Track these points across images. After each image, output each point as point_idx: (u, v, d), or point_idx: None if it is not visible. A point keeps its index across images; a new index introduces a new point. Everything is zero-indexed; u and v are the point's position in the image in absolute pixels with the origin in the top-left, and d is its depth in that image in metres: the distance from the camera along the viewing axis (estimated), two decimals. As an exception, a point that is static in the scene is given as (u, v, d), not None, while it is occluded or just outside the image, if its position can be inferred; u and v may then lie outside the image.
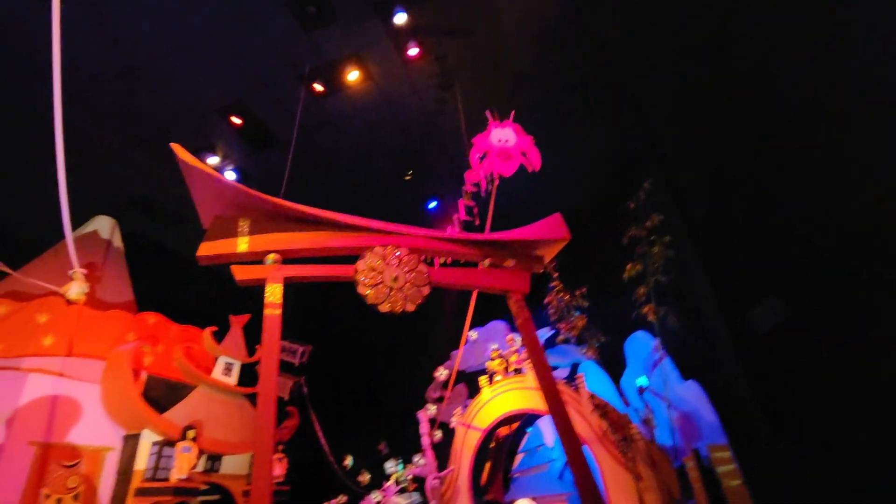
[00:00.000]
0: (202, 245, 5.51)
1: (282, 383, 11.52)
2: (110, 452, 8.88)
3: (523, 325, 6.29)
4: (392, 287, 5.83)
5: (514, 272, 6.64)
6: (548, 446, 10.73)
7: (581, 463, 5.68)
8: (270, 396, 4.99)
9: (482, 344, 13.46)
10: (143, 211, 12.80)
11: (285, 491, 11.35)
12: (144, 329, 10.20)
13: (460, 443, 10.83)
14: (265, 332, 5.33)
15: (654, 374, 10.70)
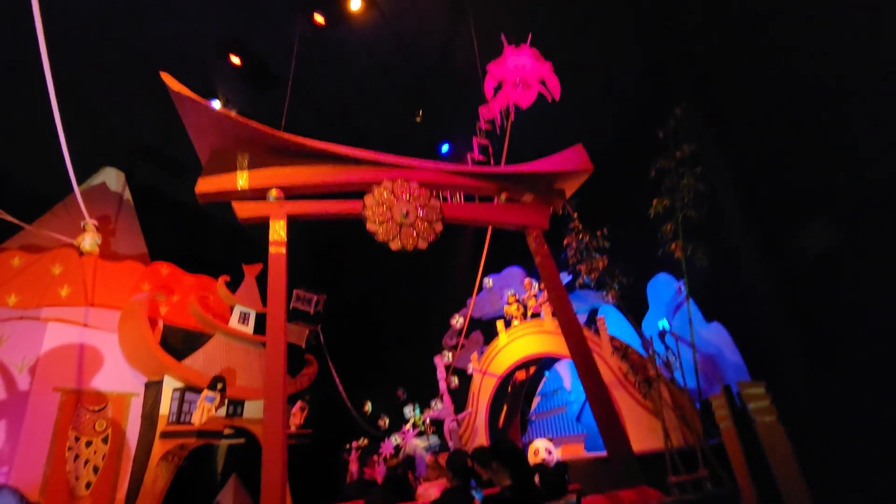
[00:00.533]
0: (200, 181, 5.16)
1: (298, 332, 11.50)
2: (134, 398, 9.02)
3: (543, 261, 5.91)
4: (402, 223, 5.46)
5: (533, 207, 6.20)
6: (565, 389, 10.64)
7: (604, 402, 5.45)
8: (279, 335, 4.77)
9: (498, 291, 13.23)
10: (150, 161, 12.49)
11: (307, 435, 11.61)
12: (158, 279, 10.13)
13: (477, 387, 10.82)
14: (271, 270, 5.05)
15: (677, 317, 10.36)
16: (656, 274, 10.72)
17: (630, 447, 5.28)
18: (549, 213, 6.23)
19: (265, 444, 4.38)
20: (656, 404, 8.09)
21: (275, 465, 4.29)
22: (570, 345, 5.65)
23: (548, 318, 9.75)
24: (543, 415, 10.51)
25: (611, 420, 5.27)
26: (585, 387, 5.55)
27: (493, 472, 2.95)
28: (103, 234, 10.29)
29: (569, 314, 5.73)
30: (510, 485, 2.79)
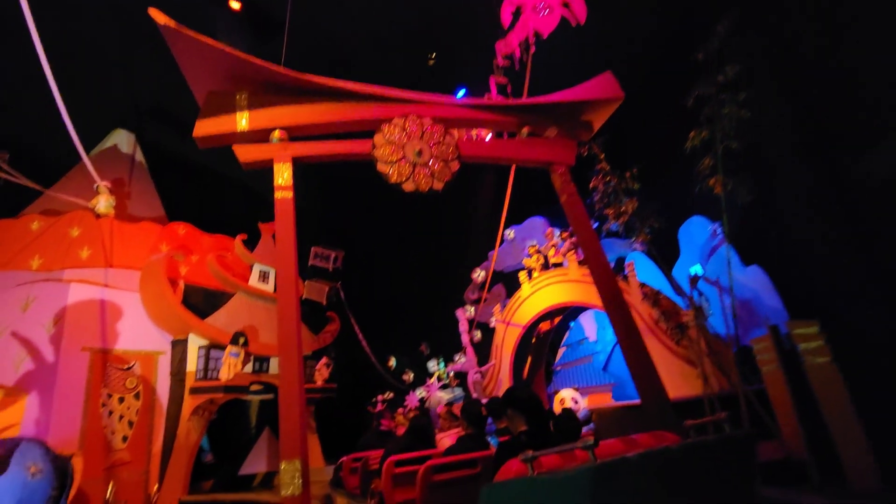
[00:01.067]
0: (197, 124, 4.79)
1: (318, 289, 11.41)
2: (161, 356, 9.12)
3: (569, 200, 5.43)
4: (416, 163, 5.02)
5: (558, 142, 5.65)
6: (591, 340, 10.35)
7: (636, 349, 5.09)
8: (290, 284, 4.50)
9: (520, 242, 12.80)
10: (161, 122, 12.20)
11: (332, 389, 11.74)
12: (176, 239, 10.04)
13: (500, 338, 10.64)
14: (278, 216, 4.73)
15: (711, 262, 9.81)
16: (690, 217, 10.08)
17: (666, 394, 4.96)
18: (576, 147, 5.68)
19: (281, 394, 4.20)
20: (689, 351, 7.73)
21: (292, 416, 4.12)
22: (600, 289, 5.25)
23: (572, 266, 9.33)
24: (569, 365, 10.30)
25: (644, 367, 4.93)
26: (617, 333, 5.18)
27: (508, 419, 2.94)
28: (118, 196, 10.16)
29: (599, 257, 5.29)
30: (526, 430, 2.80)
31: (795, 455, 5.06)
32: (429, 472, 3.42)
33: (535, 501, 2.15)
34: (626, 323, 5.13)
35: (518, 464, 2.30)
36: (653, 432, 2.99)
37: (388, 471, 3.91)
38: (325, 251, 11.40)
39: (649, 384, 4.90)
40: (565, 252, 9.49)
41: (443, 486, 3.45)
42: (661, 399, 4.85)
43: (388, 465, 3.94)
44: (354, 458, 5.41)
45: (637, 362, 5.01)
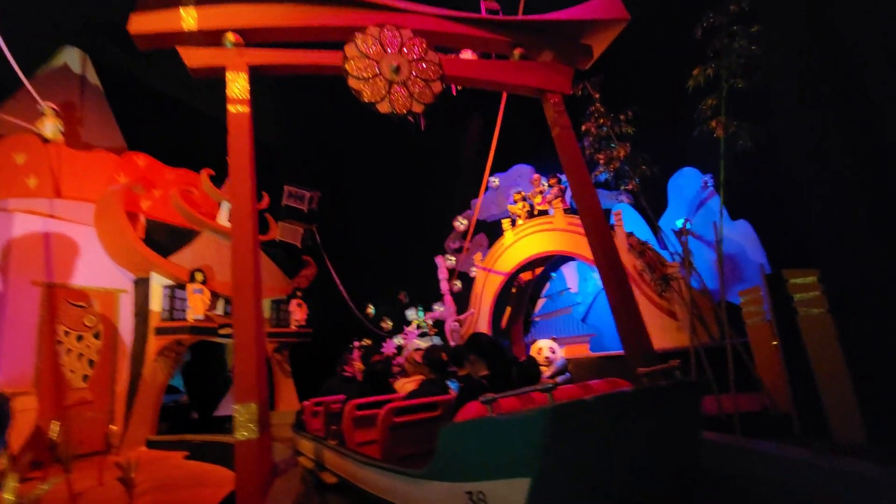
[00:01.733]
0: (133, 18, 4.02)
1: (292, 230, 10.83)
2: (123, 295, 8.57)
3: (561, 134, 4.89)
4: (393, 81, 4.37)
5: (553, 67, 5.04)
6: (571, 291, 10.13)
7: (623, 297, 4.76)
8: (246, 213, 3.95)
9: (504, 191, 12.27)
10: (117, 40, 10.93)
11: (308, 333, 11.43)
12: (135, 171, 9.20)
13: (480, 287, 10.34)
14: (231, 133, 4.10)
15: (699, 215, 9.51)
16: (680, 168, 9.67)
17: (651, 345, 4.70)
18: (572, 75, 5.08)
19: (236, 333, 3.75)
20: (671, 303, 7.53)
21: (248, 356, 3.70)
22: (588, 232, 4.84)
23: (558, 214, 8.91)
24: (548, 315, 10.11)
25: (630, 316, 4.62)
26: (604, 279, 4.84)
27: (470, 364, 2.97)
28: (69, 121, 9.18)
29: (589, 196, 4.85)
30: (487, 374, 2.82)
31: (775, 408, 4.92)
32: (389, 415, 3.41)
33: (493, 440, 2.17)
34: (614, 270, 4.77)
35: (478, 405, 2.30)
36: (607, 379, 3.00)
37: (350, 413, 3.91)
38: (300, 191, 10.72)
39: (635, 335, 4.61)
40: (552, 199, 9.04)
41: (403, 427, 3.48)
42: (646, 350, 4.59)
43: (350, 408, 3.92)
44: (316, 403, 5.34)
45: (623, 311, 4.69)
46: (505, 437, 2.13)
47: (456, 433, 2.39)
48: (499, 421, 2.15)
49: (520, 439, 2.07)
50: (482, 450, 2.25)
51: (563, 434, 2.03)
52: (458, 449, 2.37)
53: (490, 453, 2.20)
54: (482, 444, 2.25)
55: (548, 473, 2.04)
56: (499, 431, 2.15)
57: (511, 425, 2.10)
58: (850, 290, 4.05)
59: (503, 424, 2.13)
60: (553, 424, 1.96)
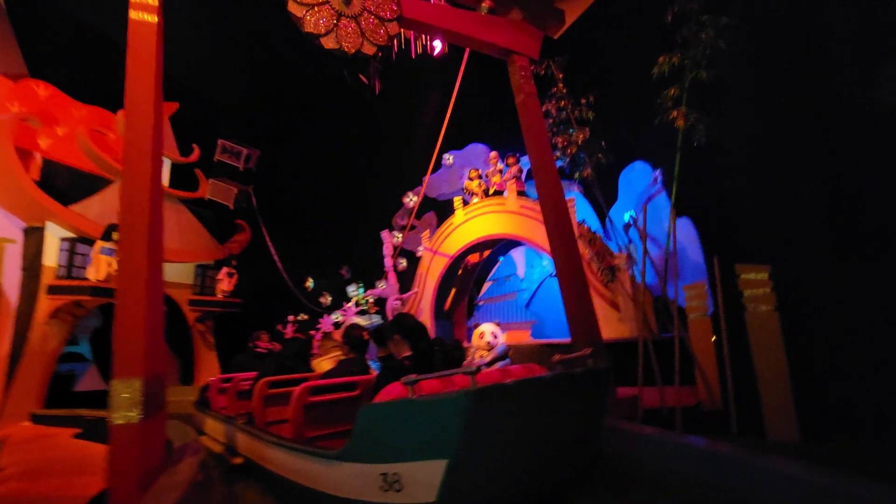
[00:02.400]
0: None
1: (224, 189, 9.78)
2: (10, 245, 7.29)
3: (525, 101, 4.46)
4: (342, 12, 3.71)
5: (522, 27, 4.57)
6: (518, 276, 9.90)
7: (576, 283, 4.46)
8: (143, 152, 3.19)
9: (458, 169, 11.78)
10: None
11: (236, 304, 10.49)
12: (33, 101, 7.81)
13: (426, 267, 9.89)
14: (131, 48, 3.30)
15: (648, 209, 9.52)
16: (633, 162, 9.61)
17: (599, 334, 4.45)
18: (541, 40, 4.65)
19: (119, 294, 3.03)
20: (615, 294, 7.44)
21: (132, 322, 2.99)
22: (545, 207, 4.48)
23: (511, 196, 8.57)
24: (492, 300, 9.85)
25: (581, 303, 4.33)
26: (557, 261, 4.51)
27: (394, 345, 2.92)
28: (-49, 35, 7.64)
29: (549, 171, 4.47)
30: (410, 355, 2.79)
31: (711, 403, 4.86)
32: (304, 393, 3.23)
33: (413, 422, 2.14)
34: (568, 252, 4.45)
35: (399, 387, 2.28)
36: (524, 364, 3.03)
37: (261, 391, 3.70)
38: (236, 147, 9.66)
39: (584, 323, 4.33)
40: (509, 179, 8.67)
41: (318, 406, 3.32)
42: (594, 340, 4.32)
43: (261, 385, 3.71)
44: (224, 379, 4.91)
45: (574, 298, 4.39)
46: (425, 419, 2.10)
47: (375, 414, 2.33)
48: (420, 402, 2.12)
49: (440, 421, 2.05)
50: (401, 431, 2.21)
51: (483, 417, 2.03)
52: (376, 430, 2.32)
53: (409, 435, 2.18)
54: (401, 425, 2.21)
55: (465, 455, 2.04)
56: (419, 413, 2.13)
57: (432, 407, 2.08)
58: (797, 289, 3.96)
59: (424, 406, 2.10)
60: (475, 407, 1.96)
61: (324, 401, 3.33)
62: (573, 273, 4.36)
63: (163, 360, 3.31)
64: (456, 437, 2.00)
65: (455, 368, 2.20)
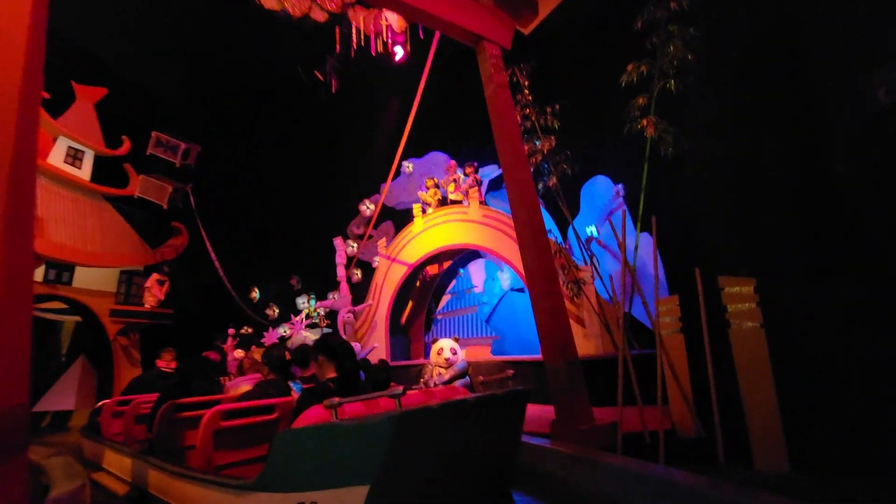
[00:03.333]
0: None
1: (157, 187, 8.69)
2: None
3: (496, 93, 3.97)
4: (287, -31, 3.08)
5: (494, 13, 4.10)
6: (478, 290, 9.39)
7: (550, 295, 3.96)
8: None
9: (418, 178, 11.24)
10: None
11: (167, 315, 9.31)
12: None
13: (382, 277, 9.18)
14: None
15: (607, 225, 9.33)
16: (594, 176, 9.43)
17: (575, 352, 3.97)
18: (513, 29, 4.20)
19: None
20: (580, 309, 7.07)
21: None
22: (516, 208, 3.98)
23: (473, 205, 8.09)
24: (451, 314, 9.27)
25: (555, 317, 3.83)
26: (528, 269, 4.00)
27: (317, 366, 2.79)
28: None
29: (520, 171, 3.99)
30: (335, 377, 2.67)
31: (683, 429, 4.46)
32: (216, 417, 2.95)
33: (335, 447, 2.04)
34: (541, 260, 3.95)
35: (321, 410, 2.20)
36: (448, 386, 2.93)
37: (166, 414, 3.35)
38: (173, 141, 8.63)
39: (557, 339, 3.82)
40: (467, 189, 8.20)
41: (231, 432, 3.05)
42: (569, 358, 3.82)
43: (166, 409, 3.35)
44: (120, 402, 4.36)
45: (547, 311, 3.89)
46: (348, 444, 2.00)
47: (293, 439, 2.19)
48: (342, 427, 2.01)
49: (363, 446, 1.96)
50: (321, 457, 2.09)
51: (407, 440, 1.95)
52: (294, 456, 2.17)
53: (329, 461, 2.05)
54: (321, 451, 2.08)
55: (387, 480, 1.95)
56: (341, 438, 2.02)
57: (355, 431, 1.97)
58: (784, 305, 3.64)
59: (346, 430, 2.00)
60: (398, 430, 1.88)
61: (237, 425, 3.04)
62: (546, 283, 3.86)
63: (23, 387, 2.47)
64: (378, 461, 1.91)
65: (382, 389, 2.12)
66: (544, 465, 3.63)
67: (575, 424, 3.66)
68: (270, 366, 3.46)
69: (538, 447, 3.76)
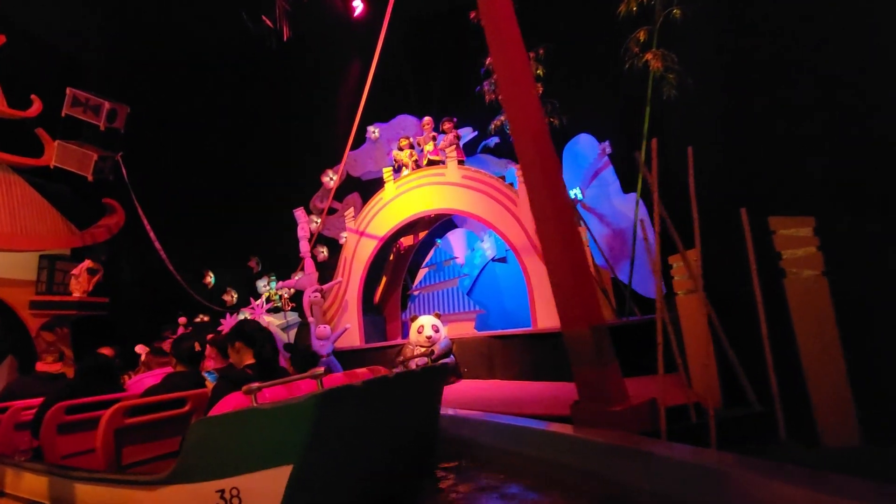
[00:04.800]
0: None
1: (78, 154, 7.22)
2: None
3: None
4: None
5: None
6: (458, 261, 8.54)
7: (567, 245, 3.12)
8: None
9: (385, 144, 10.16)
10: None
11: (101, 304, 7.96)
12: None
13: (351, 252, 8.14)
14: None
15: (593, 186, 8.62)
16: (576, 136, 8.67)
17: (601, 315, 3.17)
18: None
19: None
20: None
21: None
22: (521, 145, 3.10)
23: (451, 165, 7.15)
24: (429, 288, 8.38)
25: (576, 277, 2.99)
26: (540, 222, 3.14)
27: (234, 353, 2.69)
28: None
29: (523, 94, 3.09)
30: (253, 363, 2.59)
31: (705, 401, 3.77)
32: (117, 415, 2.73)
33: (255, 431, 1.99)
34: (555, 207, 3.09)
35: (240, 397, 2.14)
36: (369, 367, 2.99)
37: (55, 419, 3.01)
38: (95, 99, 7.15)
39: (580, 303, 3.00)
40: (446, 146, 7.24)
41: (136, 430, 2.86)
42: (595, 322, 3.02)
43: (54, 412, 3.01)
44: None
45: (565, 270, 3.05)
46: (269, 427, 1.94)
47: (210, 427, 2.11)
48: (262, 410, 1.92)
49: (286, 427, 1.92)
50: (241, 442, 2.01)
51: (331, 419, 1.95)
52: (212, 444, 2.08)
53: (250, 445, 1.99)
54: (241, 436, 2.01)
55: (311, 459, 1.92)
56: (261, 421, 1.94)
57: (276, 413, 1.91)
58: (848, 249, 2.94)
59: (267, 413, 1.92)
60: (322, 409, 1.88)
61: (144, 422, 2.88)
62: (562, 229, 3.02)
63: None
64: (301, 441, 1.89)
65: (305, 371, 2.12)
66: (564, 457, 2.85)
67: (605, 404, 2.89)
68: (179, 357, 3.26)
69: (552, 434, 2.99)
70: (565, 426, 3.00)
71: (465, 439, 3.56)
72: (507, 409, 4.37)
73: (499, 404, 4.67)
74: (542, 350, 5.99)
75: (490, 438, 3.48)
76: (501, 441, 3.35)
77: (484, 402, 4.98)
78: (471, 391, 5.75)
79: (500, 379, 6.25)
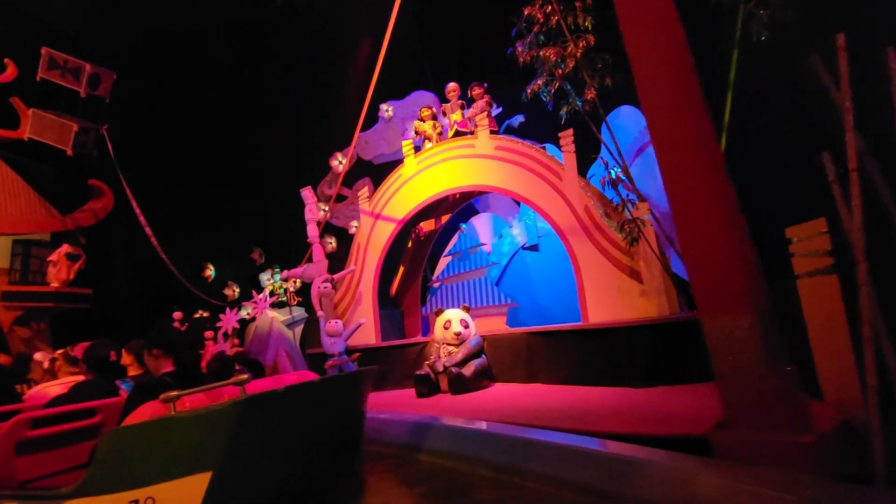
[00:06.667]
0: None
1: (56, 125, 6.21)
2: None
3: None
4: None
5: None
6: (484, 249, 7.48)
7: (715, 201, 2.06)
8: None
9: (400, 123, 9.13)
10: None
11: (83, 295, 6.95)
12: None
13: (365, 237, 7.09)
14: None
15: (637, 163, 7.55)
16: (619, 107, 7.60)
17: (767, 296, 2.12)
18: None
19: None
20: (635, 260, 5.27)
21: None
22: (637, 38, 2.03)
23: (482, 136, 6.08)
24: (454, 279, 7.32)
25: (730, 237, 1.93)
26: (666, 149, 2.11)
27: (152, 360, 2.67)
28: None
29: None
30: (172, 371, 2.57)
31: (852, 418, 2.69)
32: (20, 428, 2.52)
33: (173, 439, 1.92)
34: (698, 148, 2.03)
35: (156, 405, 2.05)
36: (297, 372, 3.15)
37: None
38: (74, 61, 6.14)
39: (733, 277, 1.95)
40: (475, 116, 6.19)
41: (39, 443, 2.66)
42: (760, 305, 1.98)
43: None
44: None
45: (709, 225, 1.99)
46: (187, 434, 1.89)
47: (123, 437, 2.02)
48: (180, 418, 1.87)
49: (205, 435, 1.87)
50: (157, 451, 1.92)
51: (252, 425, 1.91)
52: (125, 454, 1.98)
53: (166, 454, 1.91)
54: (157, 445, 1.93)
55: (231, 466, 1.88)
56: (180, 429, 1.88)
57: (196, 420, 1.88)
58: None
59: (186, 421, 1.88)
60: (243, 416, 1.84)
61: (48, 435, 2.61)
62: (711, 186, 1.96)
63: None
64: (221, 447, 1.85)
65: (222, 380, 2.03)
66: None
67: (779, 431, 1.83)
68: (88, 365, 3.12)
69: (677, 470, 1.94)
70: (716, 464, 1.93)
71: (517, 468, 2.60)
72: (573, 425, 3.33)
73: (559, 418, 3.63)
74: (595, 349, 4.95)
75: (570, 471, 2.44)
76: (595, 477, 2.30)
77: (533, 413, 3.94)
78: (512, 399, 4.71)
79: (542, 383, 5.20)
